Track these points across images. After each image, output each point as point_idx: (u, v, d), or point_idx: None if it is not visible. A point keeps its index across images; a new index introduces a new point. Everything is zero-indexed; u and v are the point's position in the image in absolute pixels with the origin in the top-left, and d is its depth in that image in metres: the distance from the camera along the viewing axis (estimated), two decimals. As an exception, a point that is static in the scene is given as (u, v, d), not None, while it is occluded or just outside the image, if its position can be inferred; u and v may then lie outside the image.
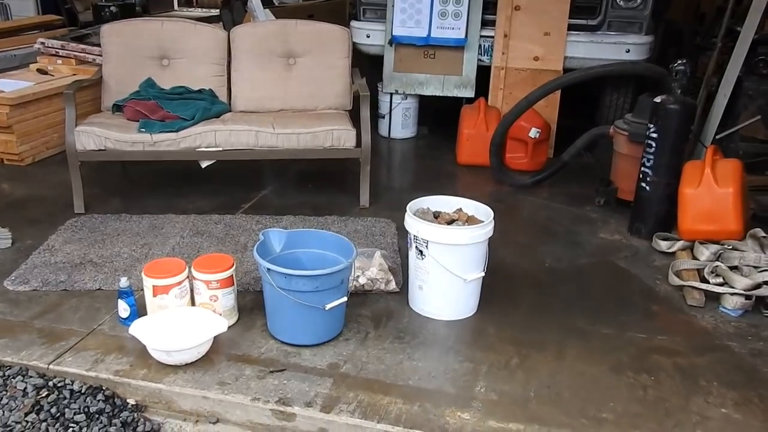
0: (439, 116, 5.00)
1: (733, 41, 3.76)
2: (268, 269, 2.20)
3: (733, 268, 2.72)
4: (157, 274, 2.33)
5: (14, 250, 2.95)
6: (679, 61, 3.10)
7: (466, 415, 1.98)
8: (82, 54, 4.61)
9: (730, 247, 2.85)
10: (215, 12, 7.51)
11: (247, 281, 2.69)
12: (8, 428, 1.95)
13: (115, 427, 1.98)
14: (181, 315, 2.31)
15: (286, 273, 2.17)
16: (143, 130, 3.27)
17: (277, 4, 6.63)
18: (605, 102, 4.58)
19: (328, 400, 2.03)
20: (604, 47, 4.18)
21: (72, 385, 2.11)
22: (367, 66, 4.53)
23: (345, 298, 2.30)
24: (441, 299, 2.48)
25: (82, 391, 2.09)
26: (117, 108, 3.55)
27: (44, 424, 1.97)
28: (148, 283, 2.33)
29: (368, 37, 4.53)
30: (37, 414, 2.00)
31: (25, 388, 2.09)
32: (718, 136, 3.65)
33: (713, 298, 2.65)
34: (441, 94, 4.57)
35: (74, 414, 2.01)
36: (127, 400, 2.10)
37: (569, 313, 2.57)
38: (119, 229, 3.15)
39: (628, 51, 4.16)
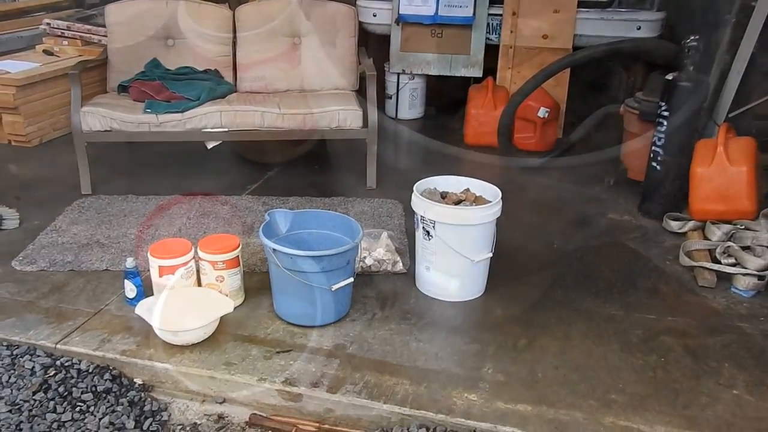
0: (446, 96, 4.94)
1: (747, 17, 3.67)
2: (274, 250, 2.19)
3: (746, 248, 2.69)
4: (164, 254, 2.33)
5: (21, 230, 2.95)
6: (692, 38, 3.04)
7: (474, 396, 1.98)
8: (87, 35, 4.58)
9: (743, 227, 2.81)
10: (221, -9, 7.44)
11: (254, 262, 2.69)
12: (16, 406, 1.97)
13: (122, 407, 1.99)
14: (187, 295, 2.31)
15: (292, 253, 2.16)
16: (149, 110, 3.25)
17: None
18: (616, 80, 4.51)
19: (335, 380, 2.02)
20: (615, 24, 4.11)
21: (79, 364, 2.12)
22: (374, 45, 4.47)
23: (351, 279, 2.29)
24: (448, 280, 2.46)
25: (90, 371, 2.10)
26: (122, 89, 3.53)
27: (52, 402, 1.98)
28: (155, 263, 2.33)
29: (375, 15, 4.47)
30: (45, 393, 2.02)
31: (33, 367, 2.10)
32: (731, 114, 3.58)
33: (725, 278, 2.62)
34: (448, 74, 4.51)
35: (81, 393, 2.02)
36: (134, 380, 2.11)
37: (578, 295, 2.55)
38: (126, 210, 3.14)
39: (639, 28, 4.08)
